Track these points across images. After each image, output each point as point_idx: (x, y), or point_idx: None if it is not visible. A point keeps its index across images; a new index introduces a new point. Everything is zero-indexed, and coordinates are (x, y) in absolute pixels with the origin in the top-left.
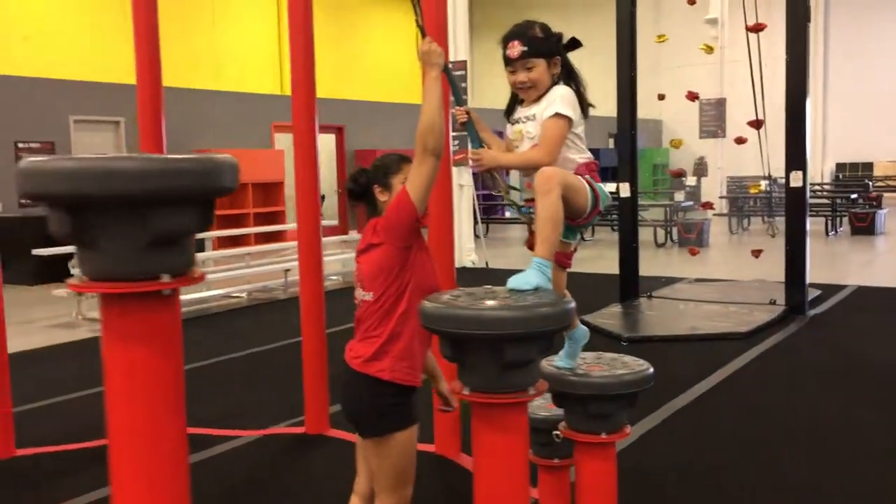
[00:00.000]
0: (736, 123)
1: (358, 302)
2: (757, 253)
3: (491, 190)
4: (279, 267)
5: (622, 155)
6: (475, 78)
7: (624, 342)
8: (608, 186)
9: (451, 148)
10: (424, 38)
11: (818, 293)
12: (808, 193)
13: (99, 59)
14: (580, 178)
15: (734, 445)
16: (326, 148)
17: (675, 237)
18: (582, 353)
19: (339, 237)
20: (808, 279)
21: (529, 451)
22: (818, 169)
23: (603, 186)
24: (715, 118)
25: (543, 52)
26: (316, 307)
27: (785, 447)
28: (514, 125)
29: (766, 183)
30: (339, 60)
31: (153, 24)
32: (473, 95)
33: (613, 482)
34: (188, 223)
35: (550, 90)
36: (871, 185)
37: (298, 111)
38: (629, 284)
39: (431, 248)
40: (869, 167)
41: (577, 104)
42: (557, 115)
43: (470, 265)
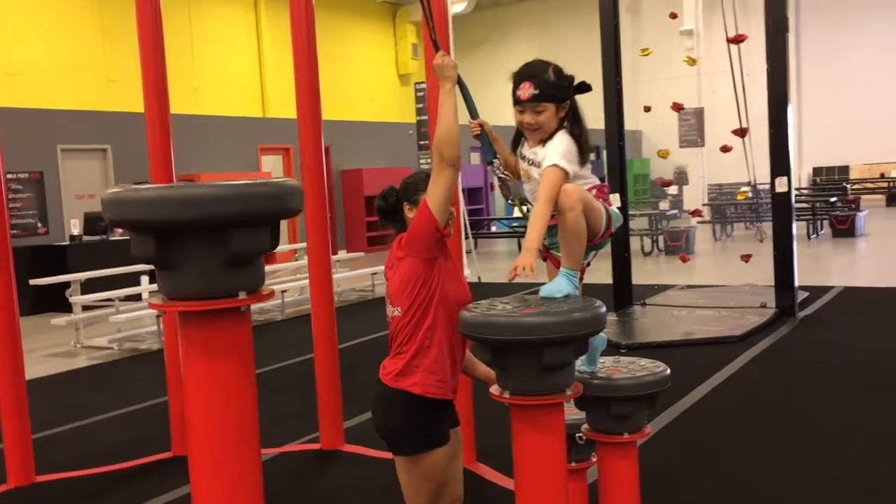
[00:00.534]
0: (715, 132)
1: (389, 319)
2: (746, 258)
3: (506, 198)
4: (275, 288)
5: (611, 166)
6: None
7: (623, 349)
8: None
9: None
10: (438, 51)
11: (806, 295)
12: (793, 198)
13: (84, 87)
14: (599, 205)
15: (738, 446)
16: None
17: (661, 245)
18: (600, 357)
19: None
20: (796, 282)
21: None
22: (796, 174)
23: (617, 212)
24: (694, 128)
25: (554, 96)
26: (328, 324)
27: (786, 446)
28: (522, 160)
29: (750, 189)
30: (323, 81)
31: (160, 53)
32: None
33: (636, 481)
34: (261, 243)
35: (554, 136)
36: (848, 188)
37: (305, 133)
38: (623, 293)
39: None
40: (845, 170)
41: (575, 154)
42: (555, 166)
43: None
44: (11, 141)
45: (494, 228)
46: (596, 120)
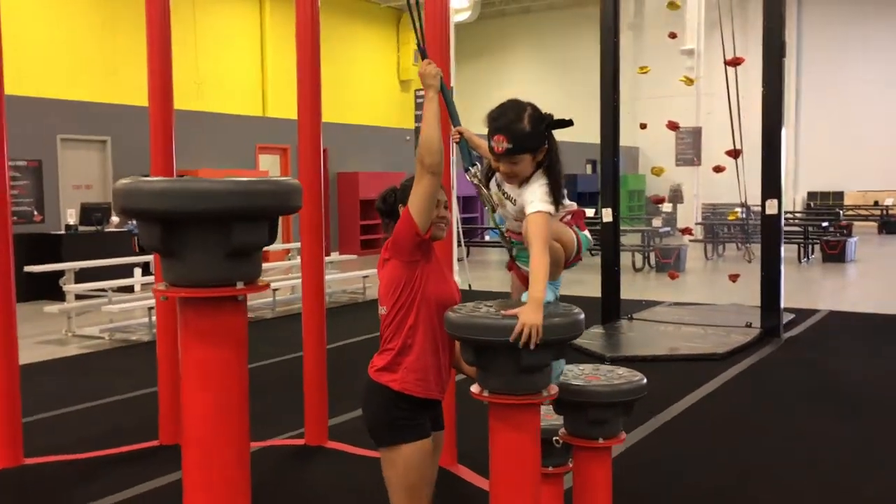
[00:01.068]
0: (712, 152)
1: (380, 317)
2: (734, 277)
3: (485, 204)
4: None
5: (605, 181)
6: (457, 103)
7: (606, 362)
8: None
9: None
10: (424, 59)
11: (792, 317)
12: (782, 221)
13: (86, 79)
14: (568, 227)
15: (715, 458)
16: None
17: (652, 262)
18: (580, 365)
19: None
20: (782, 303)
21: None
22: (790, 198)
23: (587, 233)
24: (691, 146)
25: (530, 147)
26: (317, 323)
27: (763, 459)
28: (498, 189)
29: (742, 210)
30: (324, 83)
31: (166, 49)
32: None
33: (609, 485)
34: (260, 237)
35: (531, 179)
36: (841, 213)
37: (304, 135)
38: (611, 306)
39: None
40: (840, 196)
41: (552, 196)
42: (537, 212)
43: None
44: (12, 128)
45: (488, 238)
46: (592, 134)
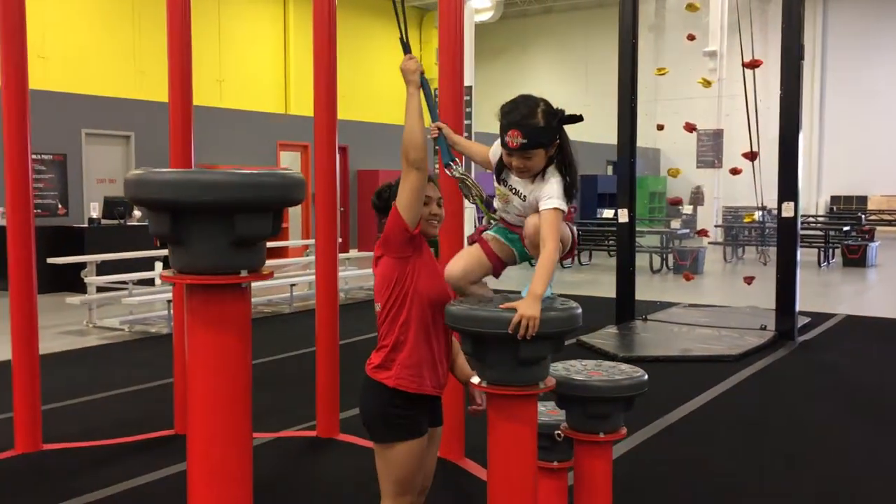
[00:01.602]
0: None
1: (376, 314)
2: (749, 280)
3: (466, 197)
4: (284, 282)
5: (621, 182)
6: (477, 103)
7: (618, 361)
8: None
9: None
10: (407, 54)
11: (808, 320)
12: (798, 224)
13: (111, 75)
14: (566, 224)
15: (723, 458)
16: None
17: (670, 264)
18: (583, 360)
19: (343, 255)
20: (797, 306)
21: None
22: (813, 201)
23: (573, 227)
24: (712, 149)
25: (543, 143)
26: (331, 318)
27: (774, 459)
28: (502, 185)
29: (759, 213)
30: (343, 81)
31: (187, 45)
32: (476, 120)
33: (609, 479)
34: (265, 228)
35: (545, 174)
36: (864, 218)
37: (320, 132)
38: (625, 307)
39: (442, 265)
40: (863, 201)
41: (568, 193)
42: (555, 209)
43: None
44: (38, 122)
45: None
46: (613, 135)
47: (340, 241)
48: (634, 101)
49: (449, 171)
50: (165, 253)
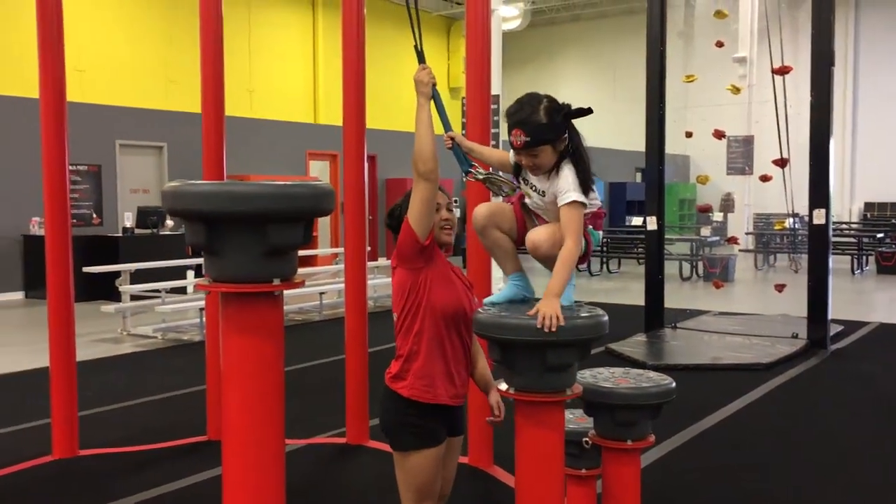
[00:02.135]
0: (764, 161)
1: (394, 324)
2: (780, 287)
3: (498, 194)
4: (314, 290)
5: (650, 189)
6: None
7: (647, 369)
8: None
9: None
10: (420, 63)
11: (840, 328)
12: (830, 231)
13: (144, 87)
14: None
15: (755, 466)
16: None
17: (700, 271)
18: (611, 368)
19: (372, 263)
20: (830, 314)
21: None
22: (846, 208)
23: (598, 233)
24: (742, 155)
25: (548, 139)
26: (360, 326)
27: (805, 469)
28: (523, 183)
29: (791, 220)
30: (371, 90)
31: (219, 56)
32: (503, 129)
33: (637, 486)
34: (297, 237)
35: (560, 168)
36: None
37: (349, 142)
38: (654, 315)
39: (470, 276)
40: None
41: (583, 185)
42: (573, 202)
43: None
44: (73, 134)
45: None
46: (642, 142)
47: (369, 249)
48: (663, 108)
49: (470, 177)
50: (198, 261)
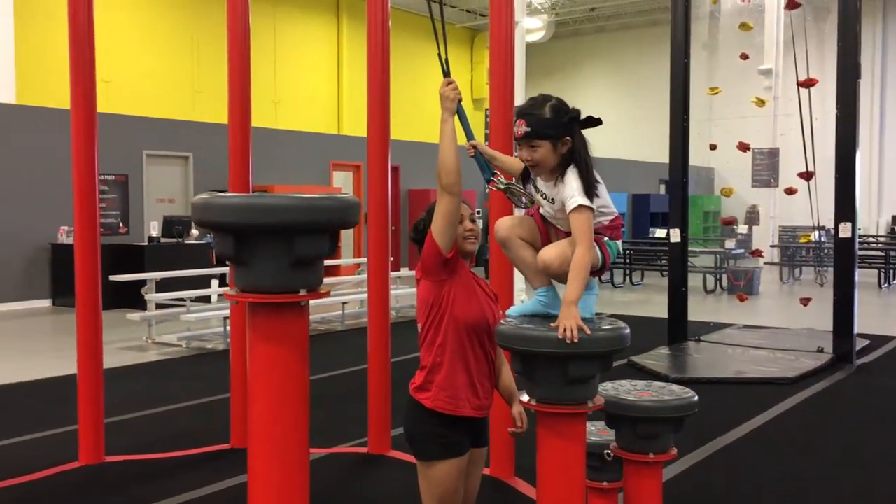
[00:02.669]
0: (789, 174)
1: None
2: (805, 301)
3: (517, 205)
4: (337, 300)
5: (673, 202)
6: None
7: (670, 383)
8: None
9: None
10: (446, 77)
11: (867, 343)
12: (856, 244)
13: (170, 98)
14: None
15: (779, 481)
16: None
17: (724, 284)
18: (633, 380)
19: (394, 273)
20: (856, 328)
21: None
22: (873, 220)
23: (618, 243)
24: (767, 168)
25: (548, 134)
26: (383, 336)
27: (832, 487)
28: (535, 191)
29: (816, 233)
30: (394, 100)
31: (246, 68)
32: None
33: (659, 500)
34: (323, 249)
35: (565, 175)
36: None
37: (374, 153)
38: (677, 328)
39: (493, 287)
40: None
41: (585, 190)
42: (580, 207)
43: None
44: (101, 144)
45: None
46: (666, 153)
47: (392, 259)
48: (687, 120)
49: (492, 185)
50: (222, 270)
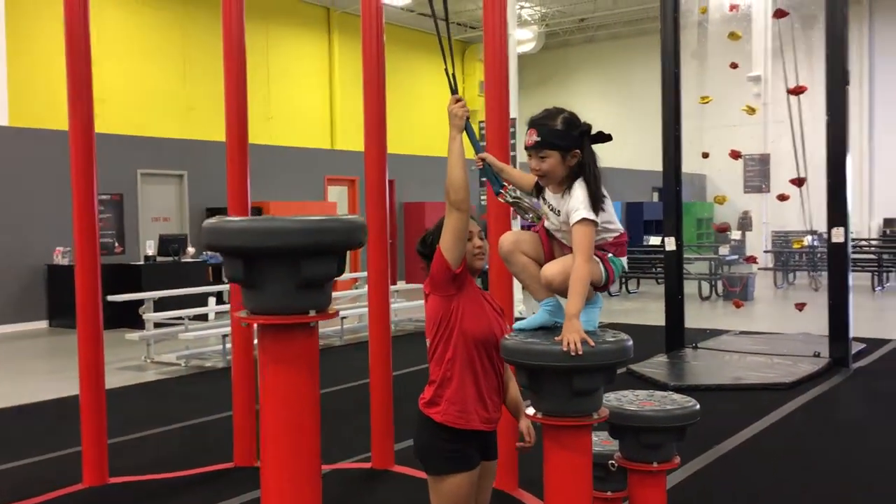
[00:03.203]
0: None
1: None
2: (801, 306)
3: (526, 219)
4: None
5: (667, 210)
6: (521, 134)
7: (669, 391)
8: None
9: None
10: (453, 94)
11: (863, 346)
12: (849, 248)
13: (164, 116)
14: (595, 260)
15: (781, 487)
16: None
17: (720, 291)
18: (635, 391)
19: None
20: (851, 332)
21: None
22: (865, 224)
23: (622, 260)
24: (759, 174)
25: (558, 145)
26: (384, 351)
27: (830, 488)
28: (543, 203)
29: (810, 238)
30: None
31: (242, 88)
32: (520, 151)
33: None
34: (330, 270)
35: (573, 187)
36: None
37: (371, 167)
38: (674, 335)
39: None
40: None
41: (592, 203)
42: (584, 220)
43: (518, 315)
44: (97, 164)
45: None
46: (658, 162)
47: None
48: (678, 129)
49: (501, 198)
50: (219, 288)
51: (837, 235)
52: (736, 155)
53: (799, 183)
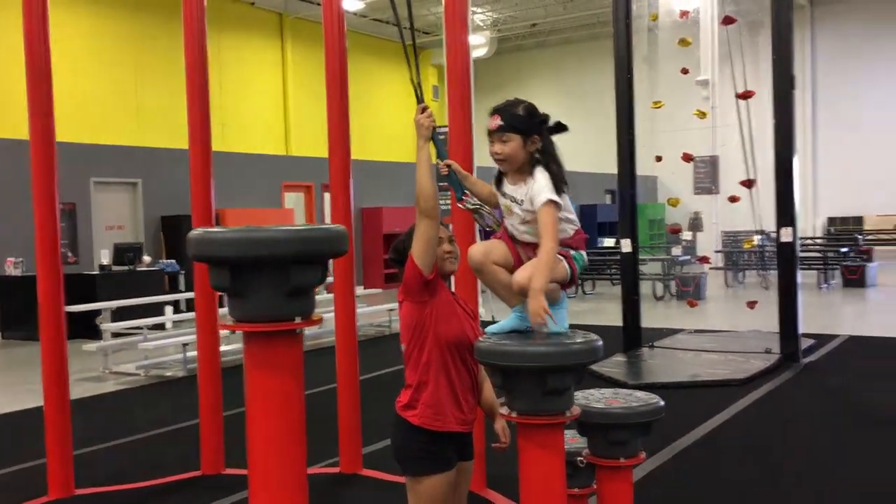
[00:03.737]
0: (730, 181)
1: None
2: (752, 304)
3: (483, 227)
4: None
5: (623, 212)
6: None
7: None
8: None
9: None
10: (420, 103)
11: (812, 342)
12: (797, 248)
13: (116, 124)
14: (559, 259)
15: (732, 483)
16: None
17: (673, 290)
18: (601, 389)
19: None
20: (801, 329)
21: None
22: (810, 223)
23: (583, 255)
24: (708, 175)
25: (520, 129)
26: (350, 355)
27: (785, 480)
28: (503, 197)
29: (759, 238)
30: None
31: (205, 95)
32: (478, 155)
33: (630, 502)
34: (315, 277)
35: (534, 176)
36: (861, 238)
37: (335, 172)
38: (632, 335)
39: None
40: (860, 221)
41: (556, 186)
42: (548, 202)
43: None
44: None
45: None
46: (611, 164)
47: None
48: (632, 133)
49: (462, 204)
50: (176, 297)
51: (786, 235)
52: (688, 158)
53: (749, 184)
